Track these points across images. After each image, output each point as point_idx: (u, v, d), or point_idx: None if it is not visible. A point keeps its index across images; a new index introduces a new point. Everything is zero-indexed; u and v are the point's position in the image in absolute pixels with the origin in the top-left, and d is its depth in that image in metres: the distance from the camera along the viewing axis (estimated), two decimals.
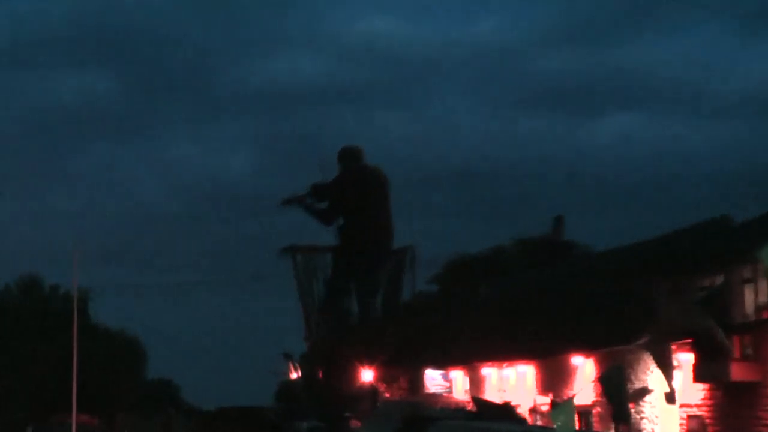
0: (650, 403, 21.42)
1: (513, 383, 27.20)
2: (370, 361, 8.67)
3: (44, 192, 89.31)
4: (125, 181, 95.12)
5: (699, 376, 19.70)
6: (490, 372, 28.31)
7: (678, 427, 21.00)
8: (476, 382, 28.85)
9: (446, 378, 30.31)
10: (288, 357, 32.96)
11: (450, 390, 29.99)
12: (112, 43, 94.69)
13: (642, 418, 21.73)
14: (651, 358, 19.68)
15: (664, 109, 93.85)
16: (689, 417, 20.62)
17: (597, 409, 22.77)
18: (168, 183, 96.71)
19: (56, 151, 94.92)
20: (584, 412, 22.54)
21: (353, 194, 8.20)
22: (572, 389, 23.08)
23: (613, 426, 17.20)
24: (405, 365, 28.88)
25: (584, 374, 23.89)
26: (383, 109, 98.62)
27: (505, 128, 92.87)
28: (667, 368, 18.04)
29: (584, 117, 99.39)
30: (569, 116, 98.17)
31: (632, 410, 19.48)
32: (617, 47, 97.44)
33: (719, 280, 19.99)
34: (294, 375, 31.82)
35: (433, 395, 29.06)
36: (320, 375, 9.02)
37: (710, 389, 20.13)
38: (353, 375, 8.60)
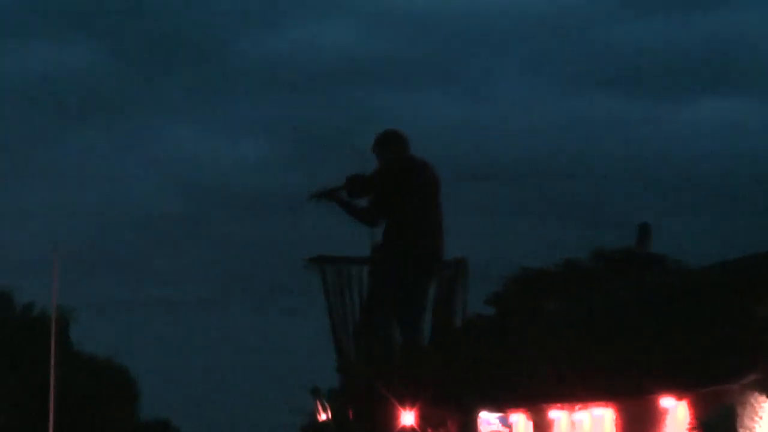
0: None
1: (587, 430, 27.06)
2: (412, 399, 8.62)
3: (13, 188, 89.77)
4: (113, 174, 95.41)
5: None
6: (559, 416, 28.15)
7: None
8: (542, 428, 28.69)
9: (505, 422, 30.18)
10: (315, 393, 32.96)
11: None
12: (96, 8, 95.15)
13: None
14: (761, 400, 19.49)
15: None
16: None
17: None
18: (165, 176, 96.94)
19: (28, 139, 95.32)
20: None
21: (399, 190, 8.12)
22: None
23: None
24: (455, 405, 28.80)
25: (676, 420, 23.72)
26: (423, 90, 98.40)
27: (573, 113, 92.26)
28: None
29: (672, 101, 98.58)
30: (654, 99, 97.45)
31: None
32: (714, 14, 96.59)
33: None
34: (323, 416, 31.85)
35: None
36: (351, 416, 8.98)
37: None
38: (392, 416, 8.55)
